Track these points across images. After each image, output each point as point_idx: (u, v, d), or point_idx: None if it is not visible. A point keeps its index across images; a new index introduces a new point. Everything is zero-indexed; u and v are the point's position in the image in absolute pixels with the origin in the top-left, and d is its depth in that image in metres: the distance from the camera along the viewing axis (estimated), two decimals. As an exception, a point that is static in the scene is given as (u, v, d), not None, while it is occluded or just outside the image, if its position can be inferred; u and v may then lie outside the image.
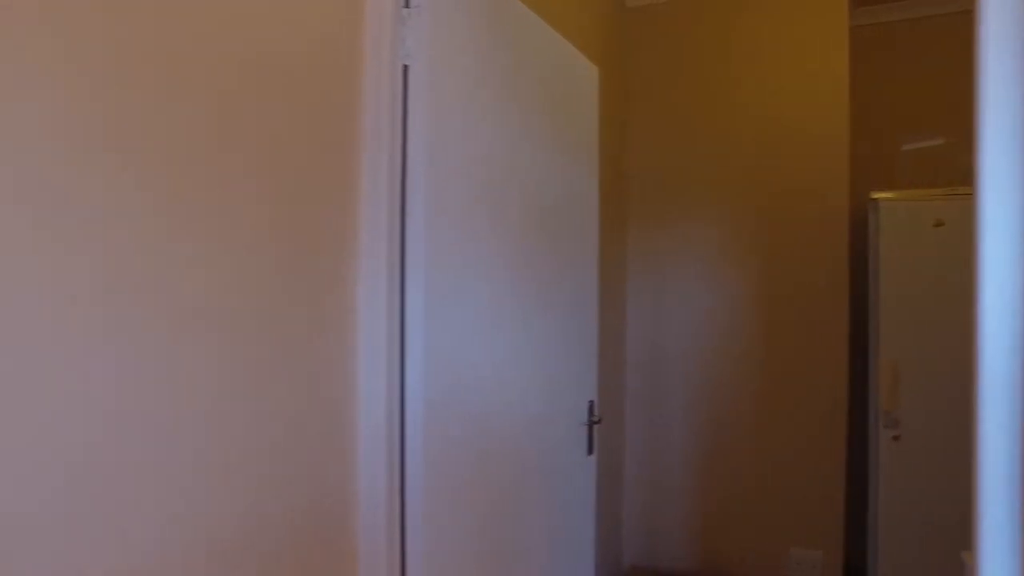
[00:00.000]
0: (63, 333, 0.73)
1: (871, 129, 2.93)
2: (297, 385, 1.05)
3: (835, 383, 2.44)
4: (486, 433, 1.41)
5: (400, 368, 1.21)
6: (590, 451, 1.85)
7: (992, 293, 0.83)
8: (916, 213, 2.45)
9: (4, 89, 0.68)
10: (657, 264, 2.73)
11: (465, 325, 1.33)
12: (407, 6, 1.23)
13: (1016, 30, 0.81)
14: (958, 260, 2.40)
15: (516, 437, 1.51)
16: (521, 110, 1.53)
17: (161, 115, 0.84)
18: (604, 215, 2.47)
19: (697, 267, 2.66)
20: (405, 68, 1.22)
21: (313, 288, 1.09)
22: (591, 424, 1.84)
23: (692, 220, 2.67)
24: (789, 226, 2.52)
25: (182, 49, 0.87)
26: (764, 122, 2.56)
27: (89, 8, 0.76)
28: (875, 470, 2.49)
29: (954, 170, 2.79)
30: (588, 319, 1.88)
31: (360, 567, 1.17)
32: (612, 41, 2.61)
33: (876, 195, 2.51)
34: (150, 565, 0.83)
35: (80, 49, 0.75)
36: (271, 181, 1.01)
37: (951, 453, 2.39)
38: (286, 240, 1.03)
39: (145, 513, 0.82)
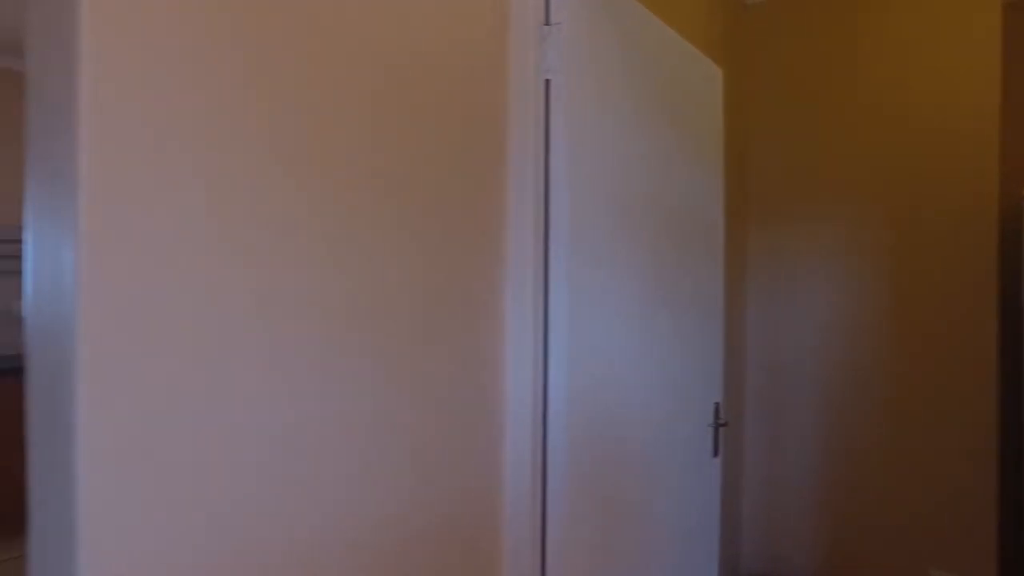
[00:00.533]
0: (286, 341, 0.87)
1: (1026, 118, 2.68)
2: (454, 386, 1.15)
3: (982, 393, 2.26)
4: (619, 433, 1.45)
5: (544, 371, 1.28)
6: (715, 453, 1.84)
7: None
8: (1083, 209, 2.23)
9: (204, 115, 0.82)
10: (780, 265, 2.65)
11: (601, 328, 1.39)
12: (547, 23, 1.31)
13: None
14: None
15: (646, 436, 1.54)
16: (650, 115, 1.57)
17: (354, 124, 0.96)
18: (727, 215, 2.43)
19: (823, 268, 2.55)
20: (547, 82, 1.30)
21: (467, 293, 1.18)
22: (717, 426, 1.83)
23: (818, 220, 2.57)
24: (928, 226, 2.36)
25: (358, 63, 0.99)
26: (900, 115, 2.41)
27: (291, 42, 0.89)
28: (1032, 490, 2.28)
29: None
30: (714, 321, 1.87)
31: (505, 556, 1.26)
32: (733, 40, 2.57)
33: (1032, 191, 2.30)
34: (336, 537, 0.95)
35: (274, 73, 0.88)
36: (435, 188, 1.11)
37: None
38: (446, 248, 1.14)
39: (326, 497, 0.94)
